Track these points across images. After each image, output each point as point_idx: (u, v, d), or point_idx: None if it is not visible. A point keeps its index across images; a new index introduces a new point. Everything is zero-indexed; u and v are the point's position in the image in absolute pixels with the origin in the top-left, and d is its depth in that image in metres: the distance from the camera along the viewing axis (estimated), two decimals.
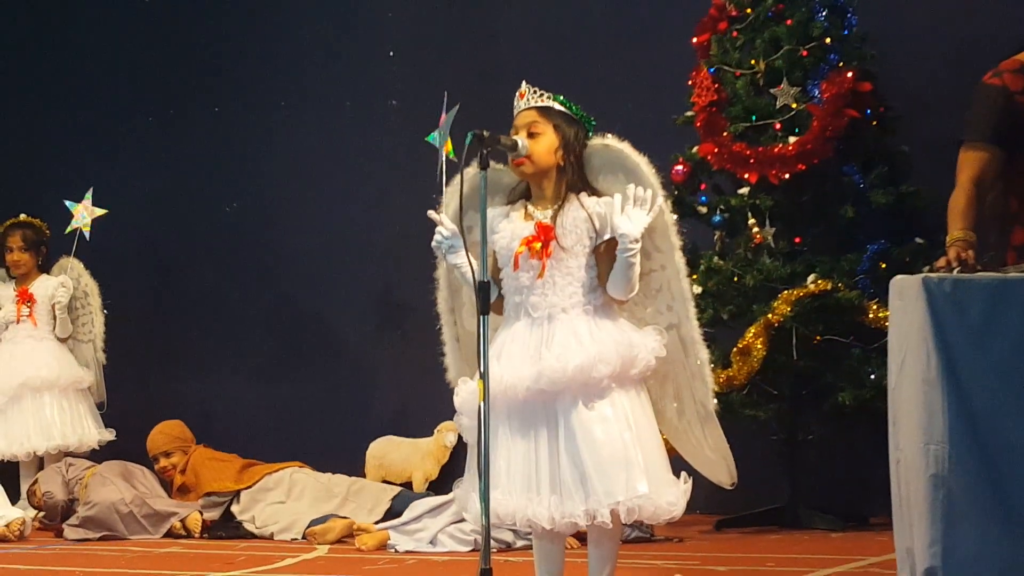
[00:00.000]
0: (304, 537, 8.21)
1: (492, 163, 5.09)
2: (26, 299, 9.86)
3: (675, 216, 6.89)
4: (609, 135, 5.30)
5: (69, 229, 9.59)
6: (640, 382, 5.10)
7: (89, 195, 9.53)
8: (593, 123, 5.31)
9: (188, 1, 10.96)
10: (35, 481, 9.08)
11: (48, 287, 9.84)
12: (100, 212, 9.54)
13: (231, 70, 10.81)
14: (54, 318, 9.81)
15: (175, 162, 10.85)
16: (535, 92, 5.33)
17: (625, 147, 5.23)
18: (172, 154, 10.87)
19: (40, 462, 9.60)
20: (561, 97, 5.33)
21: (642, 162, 5.19)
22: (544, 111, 5.25)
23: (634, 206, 5.02)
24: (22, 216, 9.91)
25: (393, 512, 8.20)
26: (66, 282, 9.78)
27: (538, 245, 5.10)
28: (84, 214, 9.54)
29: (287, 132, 10.65)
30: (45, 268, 9.98)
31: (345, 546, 7.96)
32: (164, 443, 8.98)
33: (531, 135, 5.18)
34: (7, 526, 8.54)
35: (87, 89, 11.11)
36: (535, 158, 5.16)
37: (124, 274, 9.52)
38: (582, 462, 4.95)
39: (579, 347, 5.02)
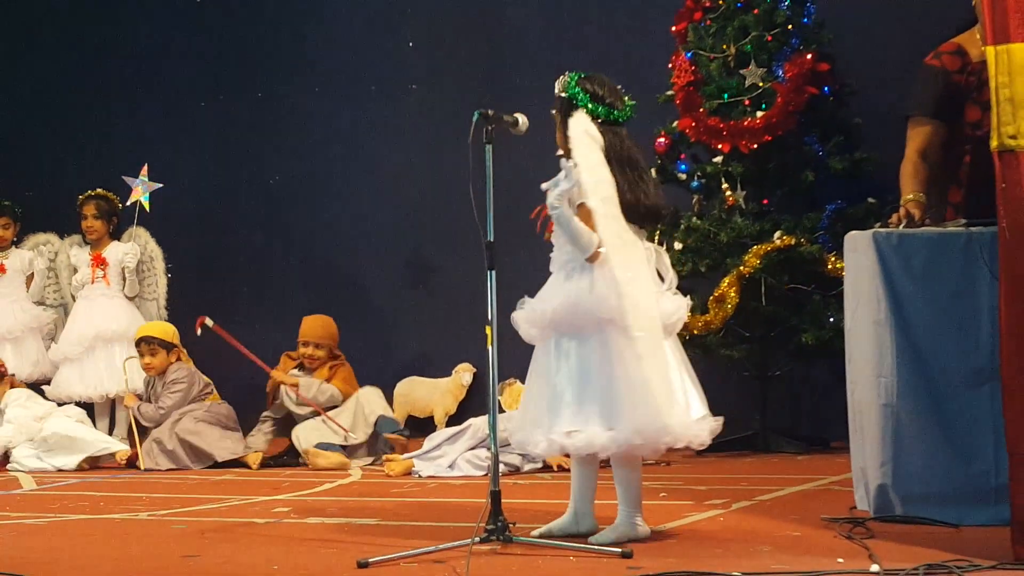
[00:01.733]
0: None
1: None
2: (99, 263, 9.85)
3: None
4: (582, 111, 5.19)
5: (130, 201, 9.56)
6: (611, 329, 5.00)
7: (144, 171, 9.48)
8: (582, 97, 5.19)
9: (232, 7, 10.90)
10: None
11: (118, 252, 9.82)
12: (156, 186, 9.50)
13: (272, 60, 10.78)
14: (124, 279, 9.80)
15: (224, 142, 10.84)
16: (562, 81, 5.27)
17: (579, 120, 5.10)
18: (221, 135, 10.85)
19: (112, 404, 9.61)
20: (574, 76, 5.24)
21: (575, 125, 5.07)
22: (556, 99, 5.22)
23: (563, 176, 5.01)
24: (97, 189, 9.88)
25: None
26: (134, 248, 9.76)
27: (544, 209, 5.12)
28: (142, 188, 9.50)
29: (321, 113, 10.62)
30: (116, 235, 9.95)
31: (376, 472, 7.97)
32: (320, 336, 8.75)
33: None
34: (114, 455, 8.65)
35: (147, 79, 11.08)
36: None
37: (183, 241, 9.51)
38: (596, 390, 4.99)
39: (540, 300, 5.08)
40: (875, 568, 4.20)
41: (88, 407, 9.46)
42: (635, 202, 5.02)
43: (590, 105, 5.11)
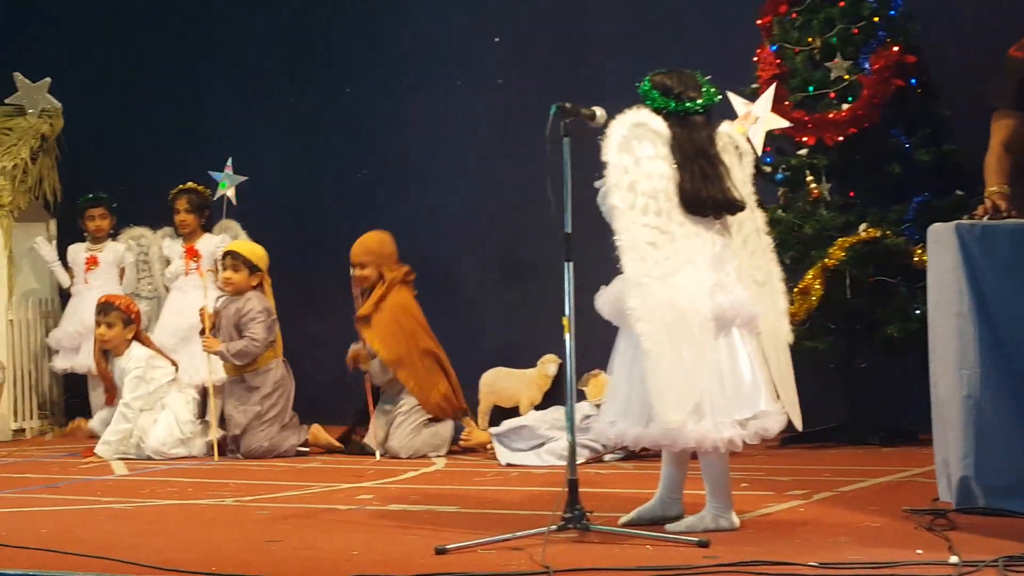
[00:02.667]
0: None
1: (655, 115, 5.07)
2: (192, 255, 9.95)
3: None
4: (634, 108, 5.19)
5: (217, 195, 9.63)
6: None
7: (229, 164, 9.53)
8: (654, 95, 5.18)
9: (322, 5, 10.97)
10: None
11: (210, 244, 9.91)
12: (241, 179, 9.55)
13: (360, 56, 10.83)
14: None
15: (314, 136, 10.90)
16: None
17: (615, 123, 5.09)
18: (311, 129, 10.91)
19: (205, 391, 9.68)
20: (647, 79, 5.25)
21: (609, 133, 5.06)
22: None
23: None
24: (188, 183, 9.98)
25: None
26: (225, 240, 9.83)
27: None
28: (228, 182, 9.55)
29: (408, 108, 10.66)
30: (207, 228, 10.05)
31: (458, 460, 8.00)
32: (359, 254, 8.65)
33: None
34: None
35: (236, 76, 11.18)
36: None
37: (273, 232, 9.55)
38: None
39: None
40: (954, 559, 4.16)
41: None
42: (695, 192, 5.00)
43: (658, 98, 5.10)
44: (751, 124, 5.39)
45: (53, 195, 10.87)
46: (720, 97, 5.35)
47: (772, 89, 6.00)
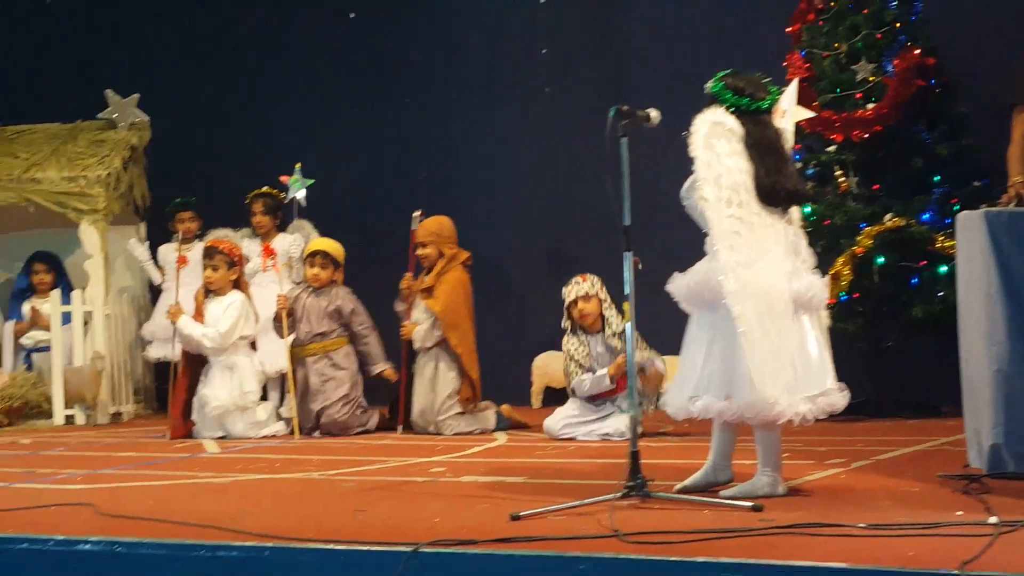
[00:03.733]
0: None
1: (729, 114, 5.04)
2: (269, 254, 9.95)
3: None
4: (712, 107, 5.16)
5: (288, 198, 9.61)
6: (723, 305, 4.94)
7: (298, 169, 9.52)
8: (724, 93, 5.14)
9: (385, 20, 10.98)
10: None
11: (285, 243, 9.90)
12: (309, 182, 9.54)
13: (419, 69, 10.86)
14: (291, 267, 9.89)
15: (377, 141, 10.92)
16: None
17: (698, 121, 5.06)
18: (375, 135, 10.93)
19: (282, 379, 9.69)
20: (712, 82, 5.20)
21: (700, 132, 5.01)
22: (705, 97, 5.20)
23: None
24: (263, 188, 9.98)
25: None
26: (298, 239, 9.82)
27: None
28: (298, 185, 9.54)
29: (463, 115, 10.67)
30: (282, 228, 10.05)
31: (521, 436, 7.97)
32: (421, 235, 8.65)
33: None
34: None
35: (308, 89, 11.20)
36: None
37: (340, 231, 9.53)
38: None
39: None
40: (993, 520, 4.11)
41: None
42: (772, 186, 4.98)
43: (731, 98, 5.07)
44: (781, 118, 5.32)
45: (143, 200, 10.94)
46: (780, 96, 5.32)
47: (795, 83, 5.94)
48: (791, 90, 5.51)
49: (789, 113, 5.47)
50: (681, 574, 3.70)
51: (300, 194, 9.40)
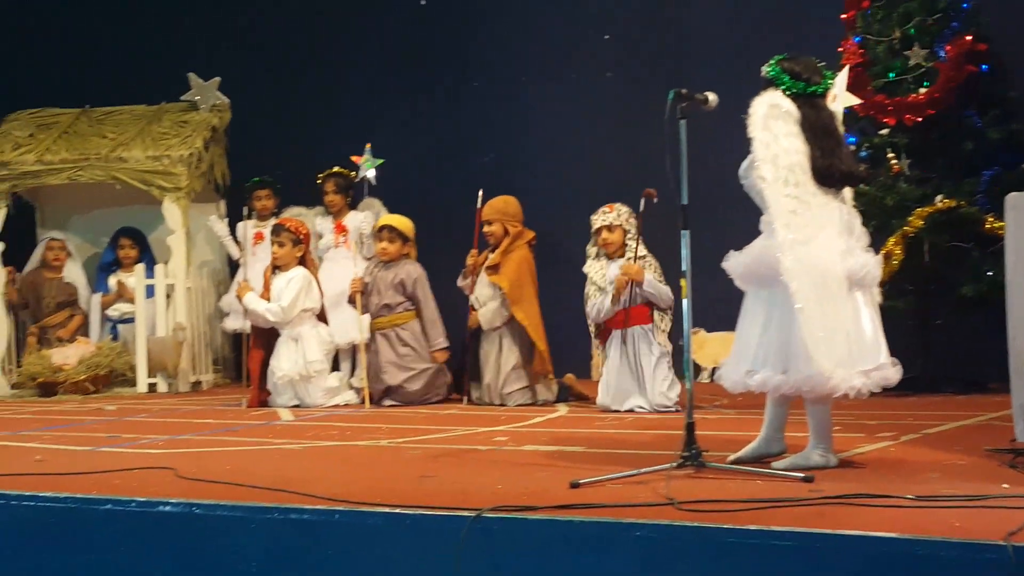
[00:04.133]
0: None
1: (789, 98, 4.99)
2: (341, 230, 9.99)
3: None
4: (770, 89, 5.12)
5: (358, 177, 9.64)
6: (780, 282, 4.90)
7: (368, 150, 9.55)
8: (781, 75, 5.08)
9: (455, 7, 10.97)
10: None
11: (356, 220, 9.93)
12: (379, 162, 9.56)
13: (485, 55, 10.86)
14: (362, 243, 9.93)
15: (445, 125, 10.93)
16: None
17: (756, 103, 5.01)
18: (443, 119, 10.95)
19: (353, 349, 9.72)
20: (768, 65, 5.15)
21: (758, 114, 4.97)
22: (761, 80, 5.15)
23: None
24: (335, 168, 10.01)
25: None
26: (369, 216, 9.86)
27: None
28: (367, 165, 9.57)
29: (527, 99, 10.67)
30: (353, 206, 10.08)
31: (581, 407, 7.95)
32: (487, 213, 8.65)
33: None
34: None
35: (379, 73, 11.23)
36: None
37: (410, 209, 9.55)
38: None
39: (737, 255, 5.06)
40: None
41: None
42: (828, 167, 4.93)
43: (788, 82, 5.02)
44: (832, 102, 5.27)
45: (223, 179, 11.01)
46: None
47: (846, 70, 5.87)
48: (842, 76, 5.45)
49: (840, 98, 5.42)
50: (733, 541, 3.68)
51: (370, 173, 9.42)
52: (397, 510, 4.13)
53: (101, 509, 4.53)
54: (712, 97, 5.11)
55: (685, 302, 4.93)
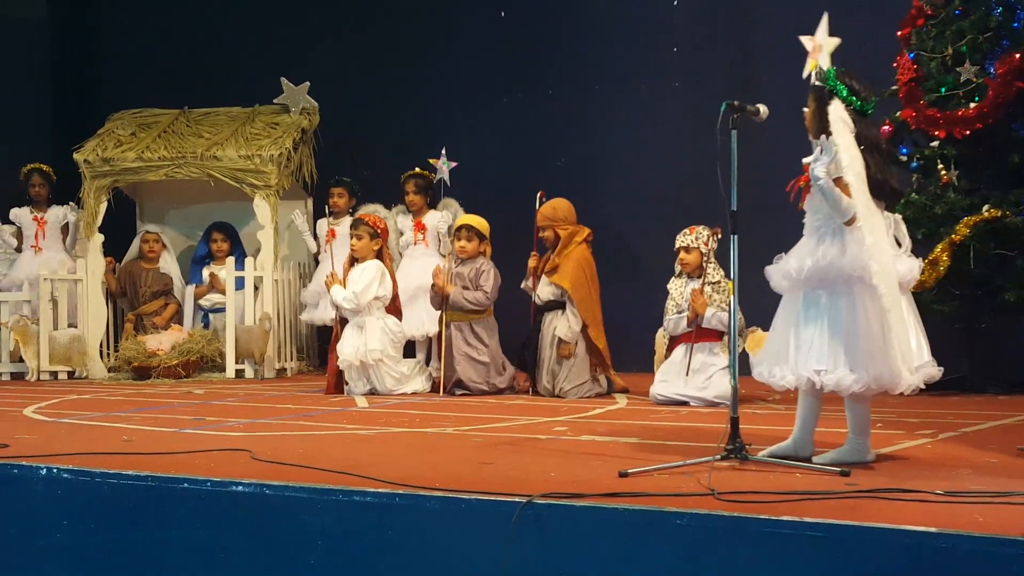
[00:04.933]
0: None
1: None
2: (420, 228, 10.07)
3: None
4: (838, 101, 5.09)
5: (436, 179, 9.73)
6: (859, 286, 4.87)
7: (444, 153, 9.63)
8: (841, 88, 5.04)
9: (532, 19, 11.00)
10: None
11: (434, 218, 10.01)
12: (452, 164, 9.63)
13: (560, 64, 10.86)
14: (439, 240, 9.99)
15: (521, 130, 10.96)
16: (816, 71, 5.13)
17: (837, 108, 4.99)
18: (519, 124, 10.98)
19: (430, 341, 9.80)
20: (832, 70, 5.10)
21: (836, 120, 4.94)
22: (812, 88, 5.11)
23: (819, 152, 4.88)
24: (416, 169, 10.08)
25: None
26: (446, 216, 9.93)
27: (802, 183, 5.01)
28: (443, 167, 9.65)
29: (600, 107, 10.67)
30: (432, 205, 10.14)
31: (639, 399, 7.94)
32: (538, 220, 8.65)
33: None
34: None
35: (459, 81, 11.29)
36: (807, 121, 5.07)
37: (484, 209, 9.58)
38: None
39: (795, 258, 4.91)
40: None
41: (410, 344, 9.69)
42: (882, 181, 4.89)
43: (847, 96, 4.98)
44: (819, 55, 5.18)
45: (311, 178, 11.11)
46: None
47: (825, 18, 5.59)
48: (822, 26, 5.30)
49: (824, 45, 5.27)
50: (768, 532, 3.68)
51: (445, 175, 9.51)
52: (453, 494, 4.17)
53: (178, 488, 4.60)
54: (763, 109, 5.10)
55: (732, 299, 4.92)
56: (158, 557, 4.61)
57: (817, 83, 5.09)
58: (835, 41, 5.13)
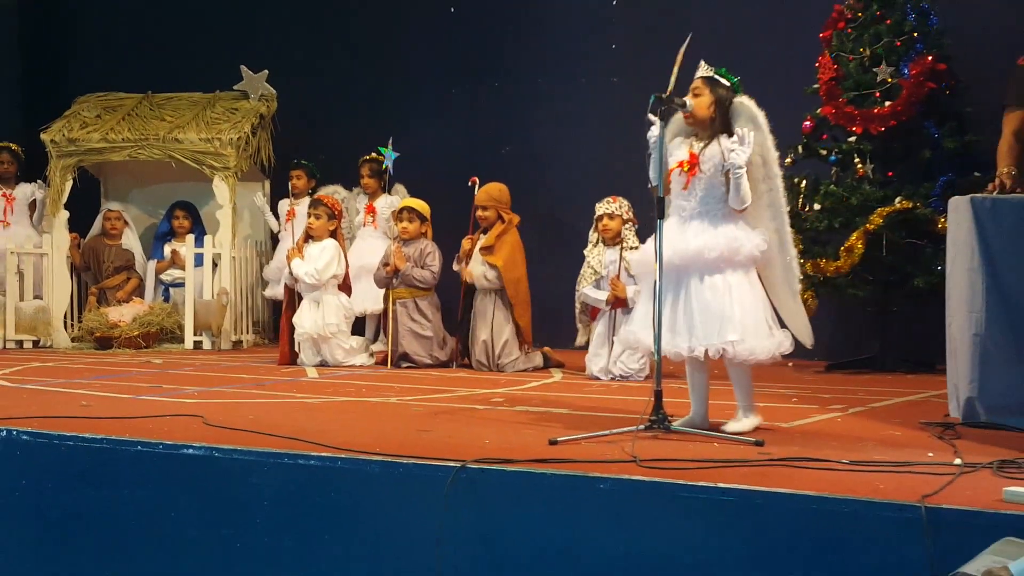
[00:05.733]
0: None
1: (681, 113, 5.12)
2: (370, 211, 10.04)
3: (790, 156, 7.05)
4: (745, 96, 5.17)
5: (384, 166, 9.74)
6: (747, 266, 4.96)
7: (390, 142, 9.64)
8: (738, 86, 5.16)
9: (480, 15, 10.96)
10: None
11: (384, 202, 9.98)
12: (395, 155, 9.68)
13: (505, 59, 10.83)
14: (388, 223, 9.97)
15: (468, 120, 10.91)
16: (706, 67, 5.22)
17: (750, 103, 5.09)
18: (466, 114, 10.93)
19: (378, 319, 9.77)
20: (723, 69, 5.21)
21: (759, 114, 5.05)
22: (707, 80, 5.16)
23: (741, 144, 4.93)
24: (372, 154, 10.05)
25: None
26: (394, 201, 9.90)
27: (686, 167, 5.06)
28: (387, 156, 9.68)
29: (543, 100, 10.64)
30: (387, 190, 10.11)
31: (575, 375, 7.97)
32: (482, 198, 8.67)
33: (695, 95, 5.11)
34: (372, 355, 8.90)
35: (409, 73, 11.22)
36: (695, 112, 5.11)
37: (433, 195, 9.57)
38: (692, 314, 4.91)
39: (701, 238, 4.96)
40: (957, 461, 4.09)
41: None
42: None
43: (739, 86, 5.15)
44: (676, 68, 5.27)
45: (268, 161, 11.04)
46: None
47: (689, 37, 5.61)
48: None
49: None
50: (685, 496, 3.73)
51: (389, 163, 9.56)
52: (393, 459, 4.19)
53: (132, 451, 4.60)
54: (689, 103, 5.14)
55: (656, 281, 4.94)
56: (112, 516, 4.60)
57: (713, 76, 5.15)
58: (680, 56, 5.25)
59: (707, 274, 4.92)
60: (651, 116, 5.01)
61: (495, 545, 3.94)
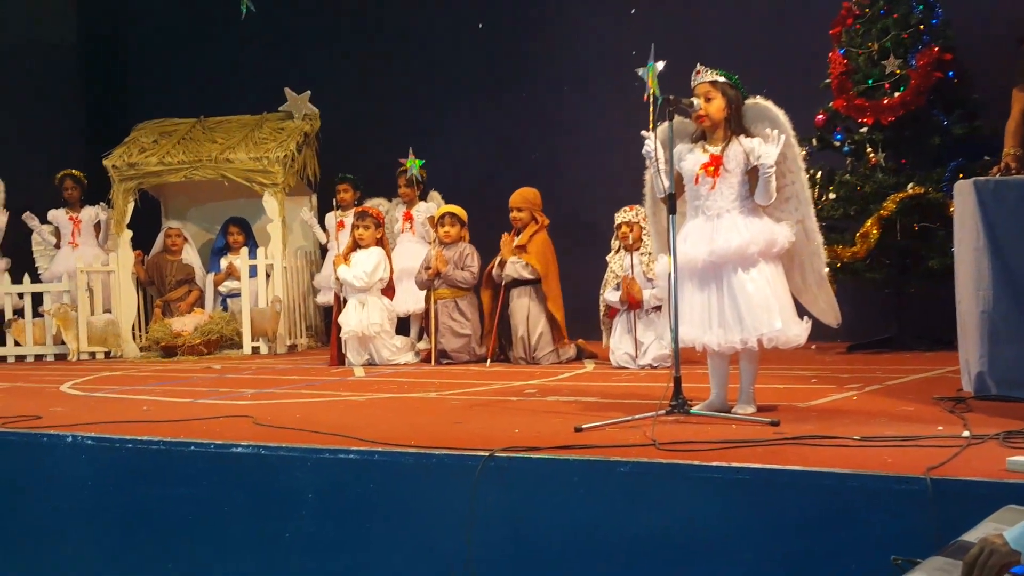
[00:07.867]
0: None
1: (679, 117, 5.01)
2: (407, 219, 10.03)
3: (805, 149, 6.90)
4: (759, 96, 5.12)
5: (410, 175, 9.73)
6: (777, 258, 4.93)
7: (410, 152, 9.64)
8: (743, 87, 5.11)
9: (507, 30, 10.94)
10: None
11: (420, 209, 9.97)
12: (421, 162, 9.67)
13: (532, 69, 10.80)
14: (425, 229, 9.95)
15: (498, 128, 10.87)
16: (708, 70, 5.16)
17: (769, 104, 5.04)
18: (496, 123, 10.89)
19: (421, 319, 9.72)
20: (724, 71, 5.16)
21: (780, 113, 5.00)
22: (714, 83, 5.10)
23: (770, 143, 4.88)
24: (407, 163, 10.02)
25: None
26: (430, 207, 9.89)
27: (711, 168, 5.00)
28: (413, 165, 9.68)
29: (568, 106, 10.60)
30: (423, 197, 10.10)
31: (605, 364, 7.89)
32: (517, 201, 8.62)
33: (707, 100, 5.05)
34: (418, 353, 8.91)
35: (447, 84, 11.21)
36: (711, 115, 5.05)
37: (466, 200, 9.55)
38: (738, 307, 4.85)
39: (737, 234, 4.89)
40: (965, 434, 4.02)
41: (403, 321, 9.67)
42: None
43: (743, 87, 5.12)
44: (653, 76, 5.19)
45: (314, 176, 11.07)
46: None
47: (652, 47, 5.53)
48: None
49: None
50: (701, 476, 3.69)
51: (414, 170, 9.57)
52: (426, 450, 4.18)
53: (186, 451, 4.62)
54: (697, 103, 5.09)
55: (671, 274, 4.90)
56: (169, 512, 4.63)
57: (722, 79, 5.08)
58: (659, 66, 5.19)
59: (744, 268, 4.85)
60: (644, 133, 4.98)
61: (522, 528, 3.92)
